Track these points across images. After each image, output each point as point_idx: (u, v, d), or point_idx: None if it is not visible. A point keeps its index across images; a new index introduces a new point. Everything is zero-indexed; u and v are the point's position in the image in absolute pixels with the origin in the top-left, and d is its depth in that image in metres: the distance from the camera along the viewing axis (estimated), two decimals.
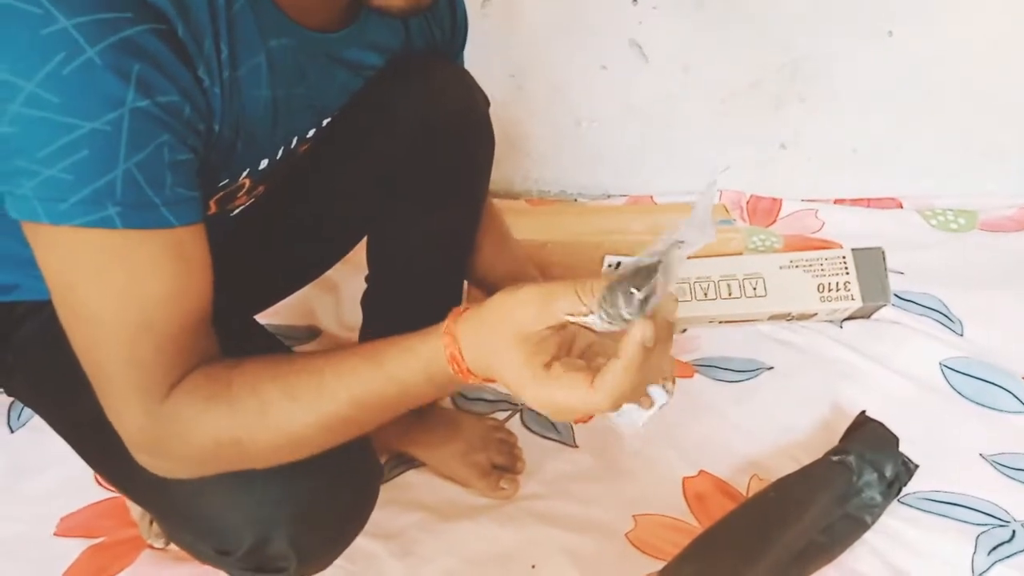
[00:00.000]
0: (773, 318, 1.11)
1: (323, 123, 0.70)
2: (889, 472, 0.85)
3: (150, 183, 0.49)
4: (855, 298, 1.07)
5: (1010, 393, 1.01)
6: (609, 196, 1.42)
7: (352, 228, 0.85)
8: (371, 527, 0.69)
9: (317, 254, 0.88)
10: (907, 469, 0.88)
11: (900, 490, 0.87)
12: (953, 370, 1.05)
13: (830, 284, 1.08)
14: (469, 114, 0.78)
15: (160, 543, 0.85)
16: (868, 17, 1.21)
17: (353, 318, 0.99)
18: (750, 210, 1.37)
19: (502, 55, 1.28)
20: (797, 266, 1.09)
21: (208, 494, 0.60)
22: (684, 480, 0.92)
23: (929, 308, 1.14)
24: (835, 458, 0.86)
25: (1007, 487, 0.91)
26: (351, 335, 0.95)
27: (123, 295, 0.51)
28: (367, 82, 0.71)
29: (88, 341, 0.53)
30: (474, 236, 0.85)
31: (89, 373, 0.54)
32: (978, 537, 0.85)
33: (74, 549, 0.85)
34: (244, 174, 0.63)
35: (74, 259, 0.50)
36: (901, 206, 1.36)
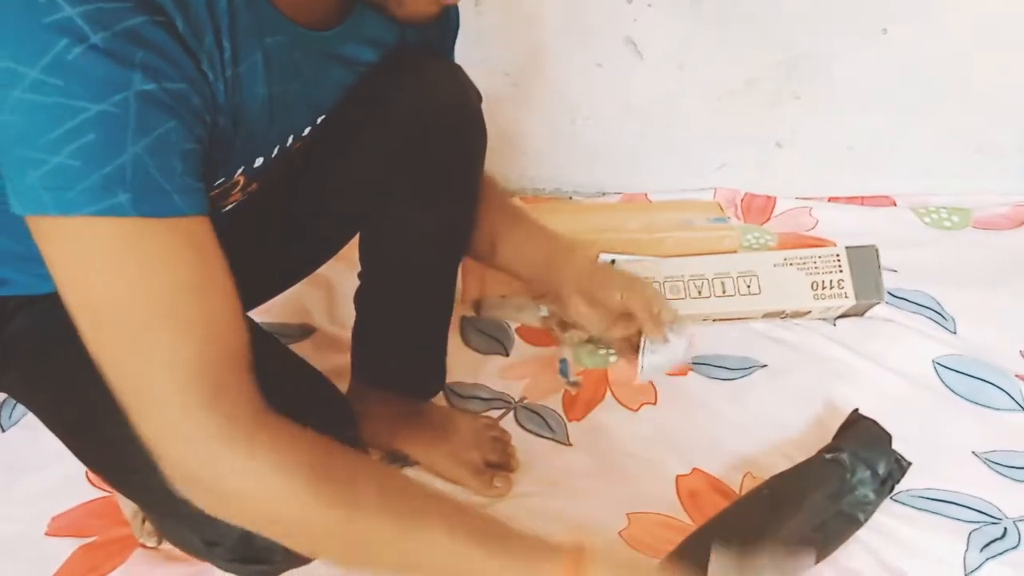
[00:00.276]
0: (767, 316, 1.11)
1: (319, 121, 0.70)
2: (882, 470, 0.85)
3: (160, 169, 0.48)
4: (849, 296, 1.07)
5: (1003, 391, 1.02)
6: (604, 194, 1.42)
7: (345, 224, 0.85)
8: None
9: (310, 250, 0.87)
10: (900, 467, 0.88)
11: (893, 488, 0.87)
12: (946, 368, 1.05)
13: (824, 282, 1.08)
14: (462, 108, 0.78)
15: (152, 542, 0.85)
16: (864, 15, 1.21)
17: (346, 315, 0.99)
18: (744, 208, 1.37)
19: (497, 53, 1.27)
20: (791, 264, 1.09)
21: None
22: (678, 478, 0.92)
23: (922, 306, 1.14)
24: (828, 456, 0.86)
25: (999, 485, 0.91)
26: (344, 332, 0.94)
27: (138, 286, 0.48)
28: (361, 77, 0.71)
29: (114, 346, 0.49)
30: (468, 232, 0.85)
31: (122, 388, 0.50)
32: (970, 534, 0.85)
33: (66, 548, 0.85)
34: (239, 171, 0.63)
35: (86, 252, 0.48)
36: (895, 204, 1.37)
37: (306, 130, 0.69)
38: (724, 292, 1.08)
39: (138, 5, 0.46)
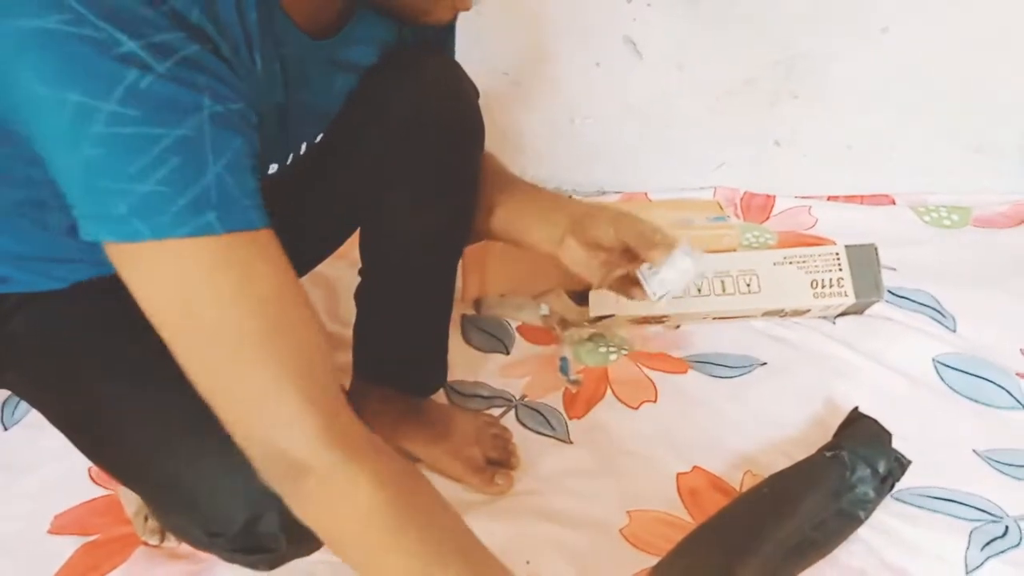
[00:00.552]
0: (767, 314, 1.11)
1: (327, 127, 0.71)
2: (882, 468, 0.85)
3: (238, 185, 0.50)
4: (848, 294, 1.08)
5: (1003, 389, 1.02)
6: (603, 193, 1.42)
7: (345, 221, 0.85)
8: None
9: (310, 248, 0.88)
10: (900, 465, 0.88)
11: (893, 486, 0.87)
12: (946, 366, 1.05)
13: (823, 280, 1.08)
14: (460, 105, 0.78)
15: (154, 540, 0.85)
16: (863, 14, 1.21)
17: (347, 313, 0.99)
18: (744, 207, 1.37)
19: (496, 52, 1.28)
20: (791, 262, 1.09)
21: (201, 477, 0.60)
22: (678, 476, 0.92)
23: (922, 304, 1.14)
24: (828, 454, 0.86)
25: (1000, 483, 0.91)
26: (345, 330, 0.94)
27: (236, 300, 0.50)
28: (361, 78, 0.72)
29: (221, 359, 0.50)
30: (467, 228, 0.85)
31: (230, 400, 0.51)
32: (971, 533, 0.85)
33: (68, 547, 0.85)
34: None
35: (183, 272, 0.49)
36: (894, 203, 1.37)
37: (318, 137, 0.70)
38: (724, 291, 1.08)
39: (190, 35, 0.48)
